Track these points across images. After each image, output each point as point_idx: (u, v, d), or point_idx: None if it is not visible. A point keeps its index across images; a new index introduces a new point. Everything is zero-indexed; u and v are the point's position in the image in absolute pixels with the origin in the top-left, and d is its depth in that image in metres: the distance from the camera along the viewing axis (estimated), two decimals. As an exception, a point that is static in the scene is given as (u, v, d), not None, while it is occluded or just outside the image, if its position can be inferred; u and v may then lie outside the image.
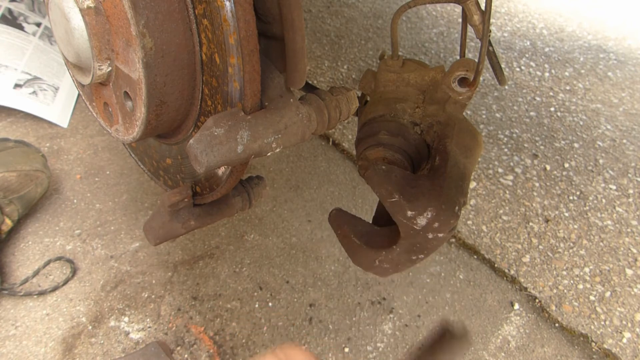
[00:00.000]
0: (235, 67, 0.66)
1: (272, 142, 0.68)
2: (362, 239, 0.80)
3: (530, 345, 1.27)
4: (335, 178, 1.63)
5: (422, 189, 0.72)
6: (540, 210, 1.62)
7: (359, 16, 2.50)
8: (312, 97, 0.76)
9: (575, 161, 1.84)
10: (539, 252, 1.50)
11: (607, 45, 2.60)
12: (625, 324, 1.34)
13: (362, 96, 0.95)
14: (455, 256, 1.45)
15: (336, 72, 2.10)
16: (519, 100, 2.11)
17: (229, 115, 0.65)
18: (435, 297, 1.34)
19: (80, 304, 1.20)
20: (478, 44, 0.84)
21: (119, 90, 0.75)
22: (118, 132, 0.81)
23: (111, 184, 1.48)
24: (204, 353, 1.14)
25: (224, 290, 1.27)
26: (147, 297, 1.23)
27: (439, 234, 0.71)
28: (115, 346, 1.13)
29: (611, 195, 1.71)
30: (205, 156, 0.62)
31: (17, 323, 1.15)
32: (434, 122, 0.83)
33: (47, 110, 1.62)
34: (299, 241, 1.42)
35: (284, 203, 1.52)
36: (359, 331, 1.24)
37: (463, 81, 0.83)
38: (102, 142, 1.60)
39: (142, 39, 0.65)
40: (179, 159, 0.87)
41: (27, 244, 1.30)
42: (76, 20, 0.69)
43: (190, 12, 0.67)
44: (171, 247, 1.34)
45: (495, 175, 1.74)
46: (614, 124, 2.05)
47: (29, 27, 1.72)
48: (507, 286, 1.40)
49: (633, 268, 1.48)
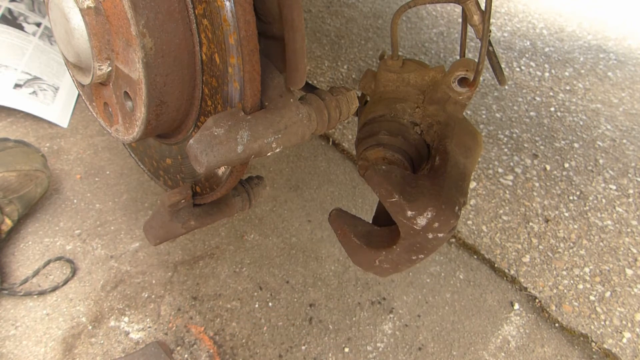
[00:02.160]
0: (235, 67, 0.66)
1: (272, 142, 0.68)
2: (362, 239, 0.80)
3: (530, 345, 1.27)
4: (335, 178, 1.63)
5: (422, 189, 0.72)
6: (540, 210, 1.62)
7: (359, 16, 2.50)
8: (312, 97, 0.76)
9: (575, 161, 1.84)
10: (539, 252, 1.50)
11: (607, 45, 2.60)
12: (625, 324, 1.34)
13: (362, 96, 0.95)
14: (455, 256, 1.45)
15: (336, 72, 2.10)
16: (519, 100, 2.11)
17: (229, 115, 0.65)
18: (435, 297, 1.34)
19: (80, 304, 1.20)
20: (478, 44, 0.84)
21: (119, 90, 0.75)
22: (118, 132, 0.81)
23: (111, 184, 1.48)
24: (204, 353, 1.14)
25: (224, 290, 1.27)
26: (147, 297, 1.23)
27: (439, 234, 0.71)
28: (115, 346, 1.13)
29: (611, 195, 1.71)
30: (205, 156, 0.62)
31: (17, 323, 1.15)
32: (434, 122, 0.83)
33: (47, 110, 1.62)
34: (299, 241, 1.42)
35: (284, 203, 1.51)
36: (359, 331, 1.24)
37: (463, 81, 0.83)
38: (102, 142, 1.60)
39: (142, 39, 0.65)
40: (179, 159, 0.87)
41: (27, 244, 1.30)
42: (76, 20, 0.69)
43: (190, 12, 0.67)
44: (171, 247, 1.34)
45: (495, 175, 1.74)
46: (614, 124, 2.05)
47: (29, 27, 1.72)
48: (507, 286, 1.40)
49: (633, 268, 1.48)
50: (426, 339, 1.25)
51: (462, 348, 1.25)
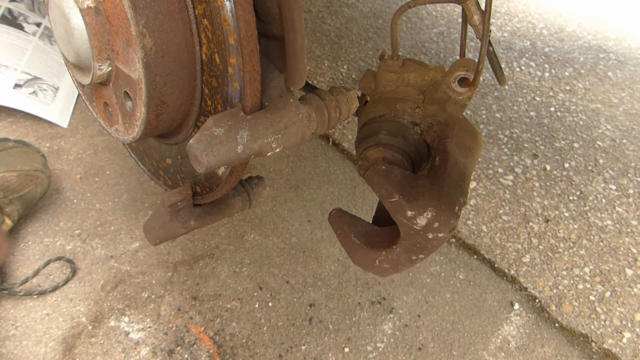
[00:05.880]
0: (235, 67, 0.66)
1: (272, 142, 0.68)
2: (362, 239, 0.80)
3: (530, 345, 1.27)
4: (335, 178, 1.63)
5: (422, 189, 0.72)
6: (540, 210, 1.62)
7: (359, 16, 2.50)
8: (312, 97, 0.76)
9: (575, 161, 1.84)
10: (539, 252, 1.50)
11: (607, 45, 2.60)
12: (625, 324, 1.34)
13: (362, 96, 0.95)
14: (455, 256, 1.45)
15: (336, 72, 2.10)
16: (519, 100, 2.11)
17: (229, 115, 0.65)
18: (435, 297, 1.34)
19: (80, 304, 1.20)
20: (478, 44, 0.84)
21: (119, 90, 0.75)
22: (118, 132, 0.81)
23: (111, 184, 1.48)
24: (204, 353, 1.14)
25: (224, 290, 1.27)
26: (147, 297, 1.23)
27: (439, 234, 0.71)
28: (115, 346, 1.13)
29: (611, 195, 1.71)
30: (205, 156, 0.62)
31: (17, 323, 1.15)
32: (434, 122, 0.83)
33: (47, 110, 1.62)
34: (299, 241, 1.42)
35: (284, 203, 1.51)
36: (359, 331, 1.24)
37: (463, 81, 0.83)
38: (102, 142, 1.60)
39: (142, 39, 0.65)
40: (179, 159, 0.87)
41: (27, 244, 1.30)
42: (76, 20, 0.69)
43: (190, 12, 0.67)
44: (171, 247, 1.34)
45: (495, 175, 1.74)
46: (614, 124, 2.05)
47: (29, 27, 1.72)
48: (507, 286, 1.40)
49: (633, 268, 1.48)
50: (426, 339, 1.25)
51: (462, 348, 1.25)
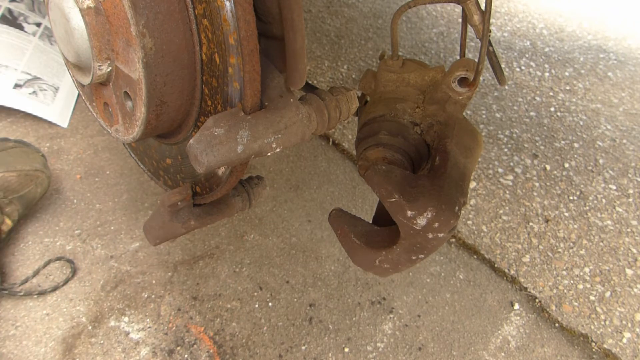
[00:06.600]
0: (235, 67, 0.66)
1: (272, 142, 0.68)
2: (362, 239, 0.80)
3: (530, 345, 1.27)
4: (335, 178, 1.63)
5: (422, 189, 0.72)
6: (540, 210, 1.62)
7: (359, 16, 2.50)
8: (312, 97, 0.76)
9: (575, 161, 1.84)
10: (539, 252, 1.50)
11: (607, 45, 2.60)
12: (625, 324, 1.34)
13: (362, 96, 0.95)
14: (455, 256, 1.45)
15: (336, 72, 2.10)
16: (519, 100, 2.11)
17: (229, 115, 0.65)
18: (435, 297, 1.34)
19: (80, 304, 1.20)
20: (478, 44, 0.84)
21: (119, 90, 0.75)
22: (118, 132, 0.81)
23: (111, 184, 1.48)
24: (204, 353, 1.14)
25: (224, 290, 1.27)
26: (147, 297, 1.23)
27: (439, 234, 0.71)
28: (115, 346, 1.13)
29: (611, 195, 1.71)
30: (205, 156, 0.62)
31: (17, 323, 1.15)
32: (434, 122, 0.83)
33: (47, 110, 1.62)
34: (299, 241, 1.42)
35: (284, 203, 1.52)
36: (359, 331, 1.24)
37: (463, 81, 0.83)
38: (102, 142, 1.60)
39: (142, 39, 0.65)
40: (179, 159, 0.87)
41: (27, 244, 1.30)
42: (76, 20, 0.69)
43: (190, 12, 0.67)
44: (171, 247, 1.34)
45: (495, 175, 1.74)
46: (614, 124, 2.05)
47: (29, 27, 1.72)
48: (507, 286, 1.40)
49: (633, 268, 1.48)
50: (426, 339, 1.25)
51: (462, 348, 1.25)
